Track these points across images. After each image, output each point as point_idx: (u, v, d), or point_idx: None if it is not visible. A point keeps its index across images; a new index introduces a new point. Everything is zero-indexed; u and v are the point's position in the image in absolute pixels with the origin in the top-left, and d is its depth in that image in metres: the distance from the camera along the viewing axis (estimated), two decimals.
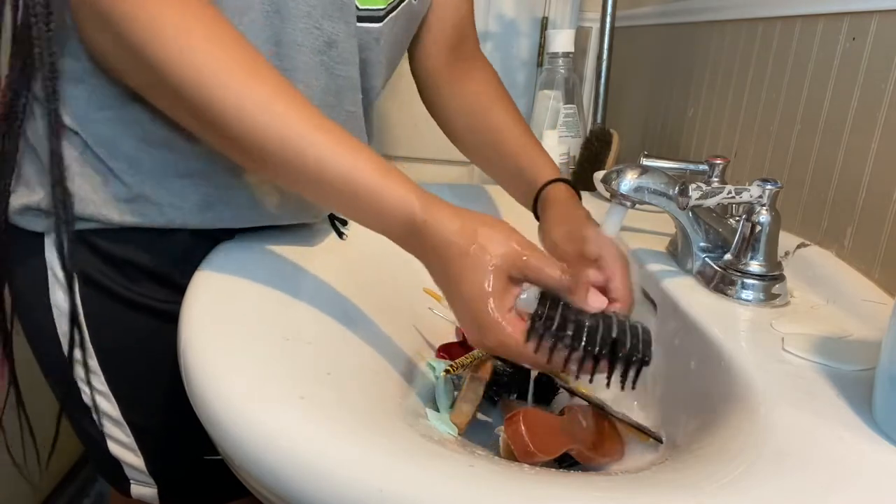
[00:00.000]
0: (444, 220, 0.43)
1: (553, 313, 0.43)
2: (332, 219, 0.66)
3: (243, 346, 0.43)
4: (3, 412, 0.58)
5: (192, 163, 0.53)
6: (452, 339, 0.65)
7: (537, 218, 0.63)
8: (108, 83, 0.50)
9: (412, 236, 0.44)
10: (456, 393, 0.56)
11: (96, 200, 0.51)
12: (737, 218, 0.62)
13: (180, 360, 0.43)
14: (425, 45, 0.70)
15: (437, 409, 0.54)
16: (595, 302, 0.46)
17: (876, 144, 0.57)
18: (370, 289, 0.59)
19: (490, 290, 0.42)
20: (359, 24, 0.56)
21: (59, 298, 0.54)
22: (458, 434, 0.52)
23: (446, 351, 0.62)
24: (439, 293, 0.58)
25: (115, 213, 0.52)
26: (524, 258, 0.43)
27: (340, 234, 0.65)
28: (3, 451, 0.59)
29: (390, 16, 0.59)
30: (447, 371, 0.54)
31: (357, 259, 0.62)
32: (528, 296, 0.45)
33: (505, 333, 0.42)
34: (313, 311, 0.51)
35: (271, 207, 0.56)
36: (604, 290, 0.50)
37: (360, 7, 0.56)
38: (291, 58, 0.52)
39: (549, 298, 0.45)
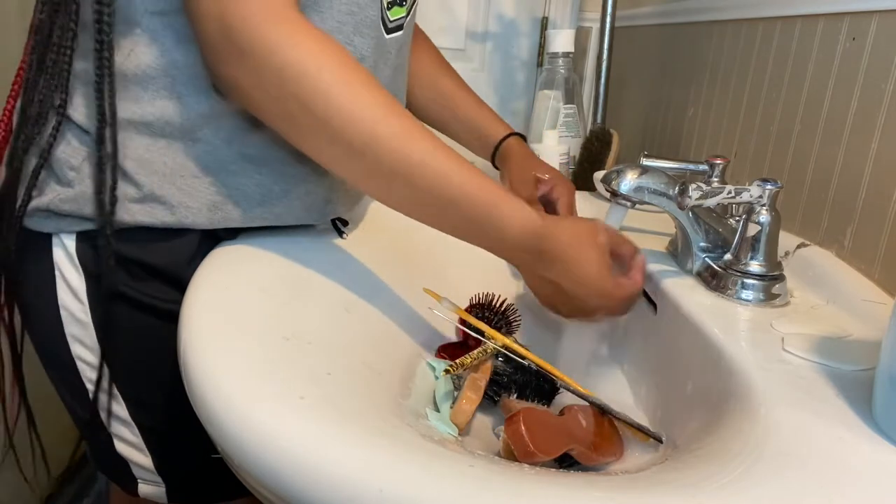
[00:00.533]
0: (560, 226, 0.53)
1: None
2: (334, 219, 0.66)
3: (243, 345, 0.43)
4: (13, 430, 0.58)
5: (203, 163, 0.53)
6: (452, 339, 0.65)
7: (496, 167, 0.80)
8: (121, 86, 0.50)
9: (535, 242, 0.52)
10: (456, 393, 0.56)
11: None
12: (737, 218, 0.62)
13: (180, 359, 0.43)
14: None
15: (438, 409, 0.54)
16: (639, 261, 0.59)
17: (876, 144, 0.57)
18: (370, 289, 0.59)
19: (605, 267, 0.54)
20: (389, 36, 0.58)
21: (66, 299, 0.54)
22: (458, 434, 0.52)
23: (446, 351, 0.62)
24: (439, 293, 0.58)
25: (126, 214, 0.52)
26: (614, 242, 0.56)
27: (341, 234, 0.65)
28: (3, 453, 0.59)
29: (407, 20, 0.60)
30: (447, 370, 0.54)
31: (357, 259, 0.62)
32: None
33: (619, 293, 0.55)
34: (313, 311, 0.51)
35: (279, 207, 0.56)
36: (555, 207, 0.73)
37: (392, 19, 0.57)
38: None
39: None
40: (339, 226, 0.66)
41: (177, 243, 0.54)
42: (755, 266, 0.56)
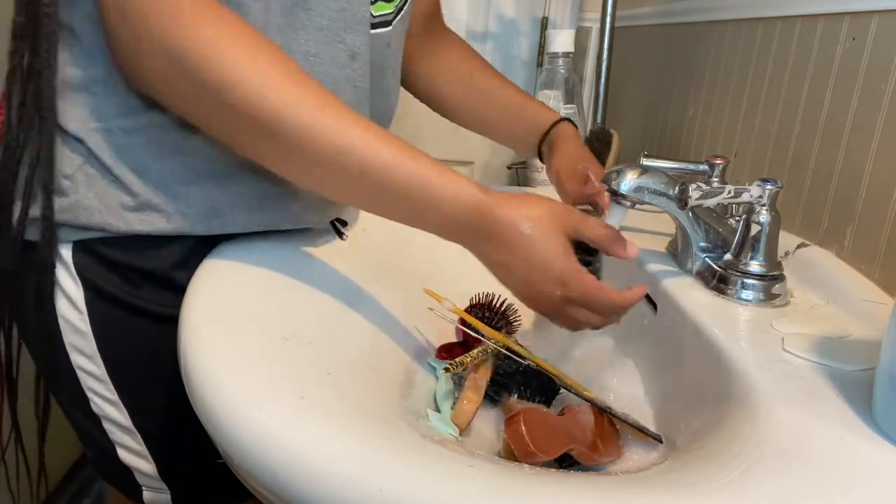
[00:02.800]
0: (507, 203, 0.48)
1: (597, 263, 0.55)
2: (333, 220, 0.66)
3: (243, 346, 0.43)
4: (6, 445, 0.57)
5: (198, 170, 0.52)
6: (452, 339, 0.65)
7: (541, 158, 0.75)
8: (114, 93, 0.50)
9: (477, 220, 0.47)
10: (456, 393, 0.57)
11: (101, 209, 0.51)
12: (737, 218, 0.62)
13: (180, 360, 0.43)
14: None
15: (438, 410, 0.54)
16: (632, 251, 0.52)
17: (876, 144, 0.57)
18: (370, 289, 0.59)
19: (565, 249, 0.48)
20: (372, 32, 0.57)
21: (64, 309, 0.54)
22: (459, 434, 0.52)
23: (446, 351, 0.62)
24: (439, 293, 0.58)
25: (121, 222, 0.51)
26: (577, 220, 0.50)
27: (341, 235, 0.65)
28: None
29: (397, 18, 0.60)
30: (447, 369, 0.54)
31: (357, 259, 0.62)
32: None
33: (586, 279, 0.49)
34: (313, 311, 0.51)
35: (278, 211, 0.56)
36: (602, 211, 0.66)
37: (374, 14, 0.57)
38: (314, 72, 0.52)
39: (587, 249, 0.52)
40: (339, 226, 0.66)
41: (173, 248, 0.54)
42: (755, 266, 0.56)
